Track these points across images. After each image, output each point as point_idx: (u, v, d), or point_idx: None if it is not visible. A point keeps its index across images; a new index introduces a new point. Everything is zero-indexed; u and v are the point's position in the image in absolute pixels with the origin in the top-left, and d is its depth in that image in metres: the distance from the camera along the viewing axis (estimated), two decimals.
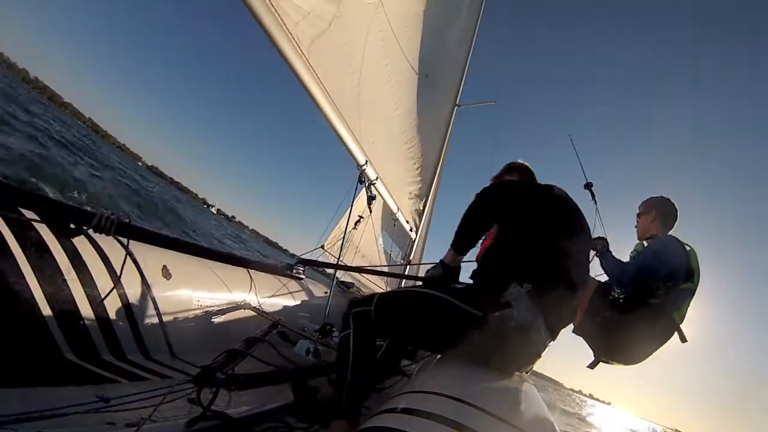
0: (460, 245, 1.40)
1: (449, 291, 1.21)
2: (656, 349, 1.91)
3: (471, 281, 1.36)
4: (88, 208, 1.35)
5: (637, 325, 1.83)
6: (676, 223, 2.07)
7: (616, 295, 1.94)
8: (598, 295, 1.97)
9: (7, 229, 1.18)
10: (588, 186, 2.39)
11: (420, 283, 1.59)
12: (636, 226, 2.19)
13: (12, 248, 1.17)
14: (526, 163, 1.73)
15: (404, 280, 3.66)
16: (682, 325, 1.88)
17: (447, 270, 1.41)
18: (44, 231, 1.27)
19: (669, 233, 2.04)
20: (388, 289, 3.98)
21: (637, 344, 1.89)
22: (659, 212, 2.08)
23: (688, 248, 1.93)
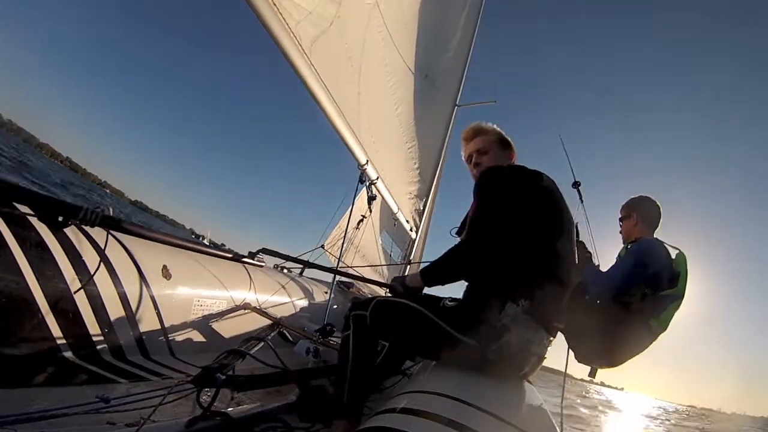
0: (430, 281, 1.30)
1: (441, 312, 1.16)
2: (635, 355, 1.81)
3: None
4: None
5: (614, 331, 1.72)
6: (661, 221, 1.97)
7: (592, 301, 1.81)
8: (572, 298, 1.88)
9: (5, 226, 1.17)
10: (576, 185, 2.30)
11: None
12: (620, 231, 2.10)
13: (11, 247, 1.16)
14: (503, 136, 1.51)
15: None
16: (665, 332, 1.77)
17: (407, 290, 1.34)
18: (39, 226, 1.27)
19: (654, 234, 1.94)
20: (387, 293, 3.97)
21: (614, 350, 1.77)
22: (640, 214, 1.99)
23: (676, 252, 1.83)
